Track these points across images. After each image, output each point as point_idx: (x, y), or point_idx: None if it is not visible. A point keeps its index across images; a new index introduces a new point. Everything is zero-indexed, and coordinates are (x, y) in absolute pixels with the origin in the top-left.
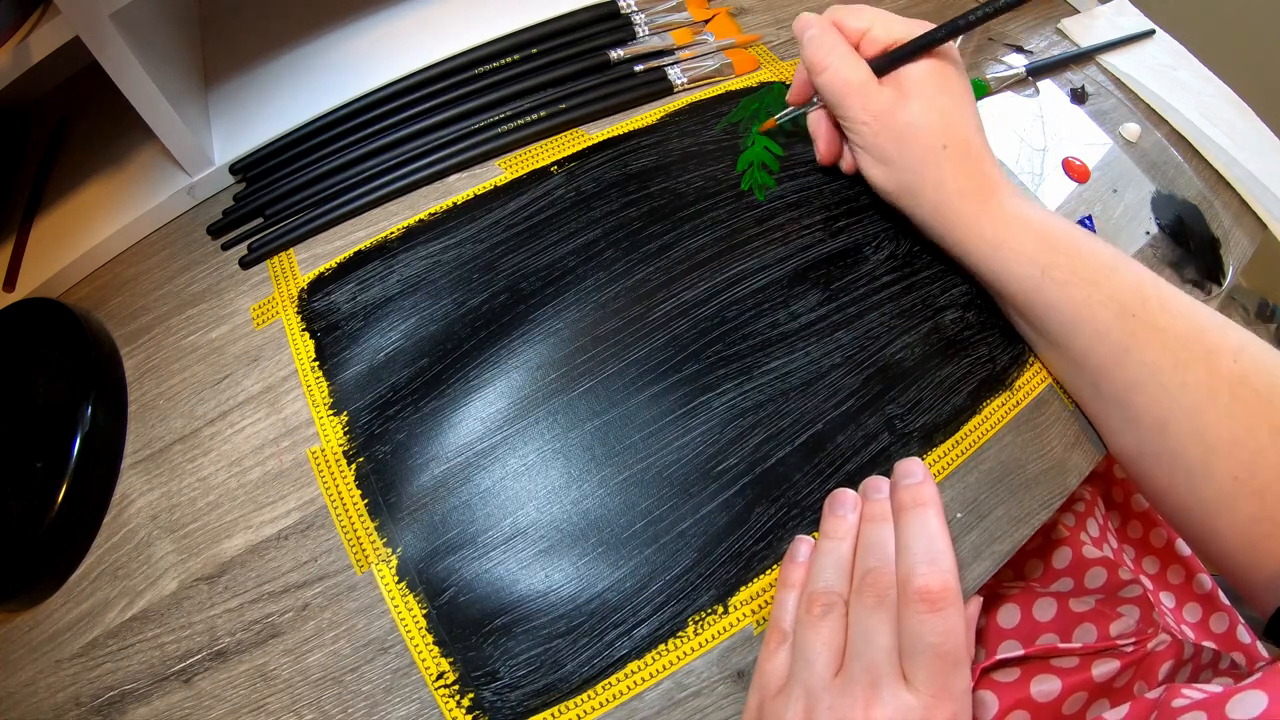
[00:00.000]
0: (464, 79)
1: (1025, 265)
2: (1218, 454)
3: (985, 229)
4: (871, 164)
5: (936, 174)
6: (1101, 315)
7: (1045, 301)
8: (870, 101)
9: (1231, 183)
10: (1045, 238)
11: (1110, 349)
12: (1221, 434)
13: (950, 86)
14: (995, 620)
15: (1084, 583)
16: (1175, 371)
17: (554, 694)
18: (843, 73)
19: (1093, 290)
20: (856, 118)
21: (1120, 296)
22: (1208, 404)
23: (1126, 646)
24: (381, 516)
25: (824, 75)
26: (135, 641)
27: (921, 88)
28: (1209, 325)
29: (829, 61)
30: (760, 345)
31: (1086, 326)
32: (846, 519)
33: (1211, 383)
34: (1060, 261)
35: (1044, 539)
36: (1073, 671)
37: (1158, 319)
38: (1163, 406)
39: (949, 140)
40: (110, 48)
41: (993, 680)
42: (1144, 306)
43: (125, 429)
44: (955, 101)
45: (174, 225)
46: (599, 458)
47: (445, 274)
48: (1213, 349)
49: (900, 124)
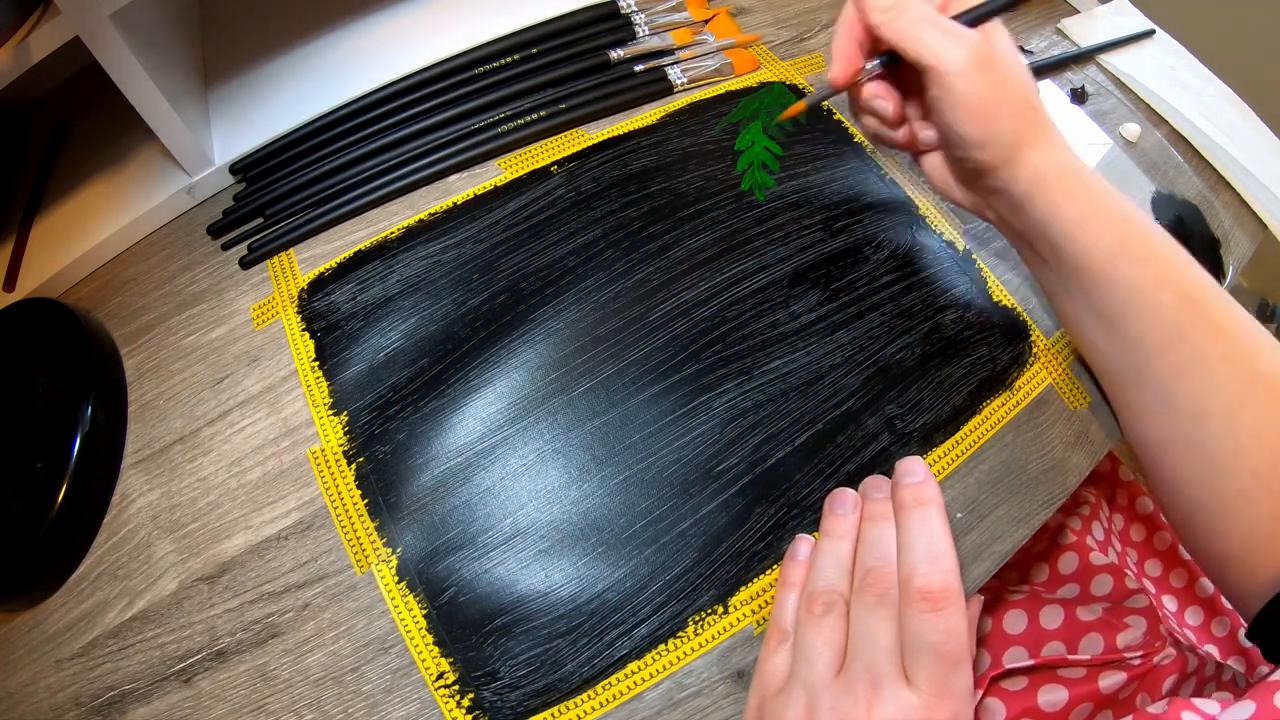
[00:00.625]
0: (464, 79)
1: (1108, 237)
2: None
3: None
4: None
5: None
6: (1165, 296)
7: (1117, 276)
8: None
9: (1231, 183)
10: (1125, 212)
11: (1165, 333)
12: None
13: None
14: (1001, 626)
15: (1090, 589)
16: (1223, 365)
17: (554, 694)
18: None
19: (1161, 269)
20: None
21: (1183, 282)
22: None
23: (1133, 659)
24: (381, 516)
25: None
26: (135, 641)
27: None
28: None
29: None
30: (760, 345)
31: (1150, 306)
32: (847, 518)
33: (1252, 381)
34: (1137, 235)
35: (1050, 542)
36: (1080, 682)
37: (1212, 308)
38: (1204, 398)
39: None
40: (110, 48)
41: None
42: (1202, 293)
43: (125, 429)
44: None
45: (174, 225)
46: (599, 458)
47: (445, 274)
48: (1255, 349)
49: (1000, 69)
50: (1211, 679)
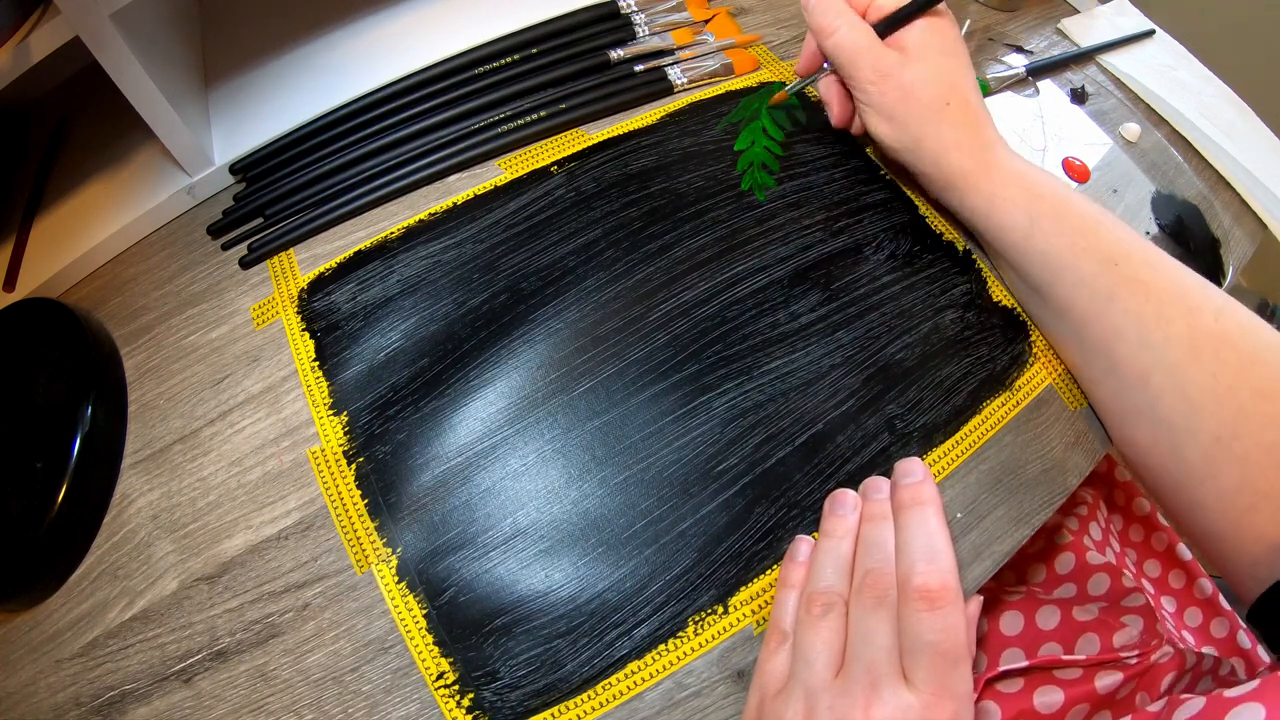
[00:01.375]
0: (464, 79)
1: (1016, 215)
2: (1201, 412)
3: (981, 181)
4: (878, 121)
5: (937, 129)
6: (1085, 263)
7: (1033, 249)
8: (878, 61)
9: (1231, 183)
10: (1035, 190)
11: (1093, 296)
12: (1204, 392)
13: (951, 47)
14: (998, 627)
15: (1087, 589)
16: (1158, 325)
17: (554, 694)
18: (850, 35)
19: (1077, 238)
20: (865, 78)
21: (1104, 248)
22: (1190, 360)
23: (1130, 658)
24: (381, 516)
25: (832, 39)
26: (135, 641)
27: (924, 48)
28: (1192, 285)
29: (836, 24)
30: (760, 345)
31: (1069, 273)
32: (847, 519)
33: (1193, 340)
34: (1047, 212)
35: (1046, 543)
36: (1076, 683)
37: (1140, 272)
38: (1145, 359)
39: (951, 98)
40: (110, 48)
41: (996, 690)
42: (1128, 259)
43: (125, 429)
44: (956, 62)
45: (174, 225)
46: (599, 458)
47: (445, 274)
48: (1195, 307)
49: (905, 82)
50: (1209, 673)
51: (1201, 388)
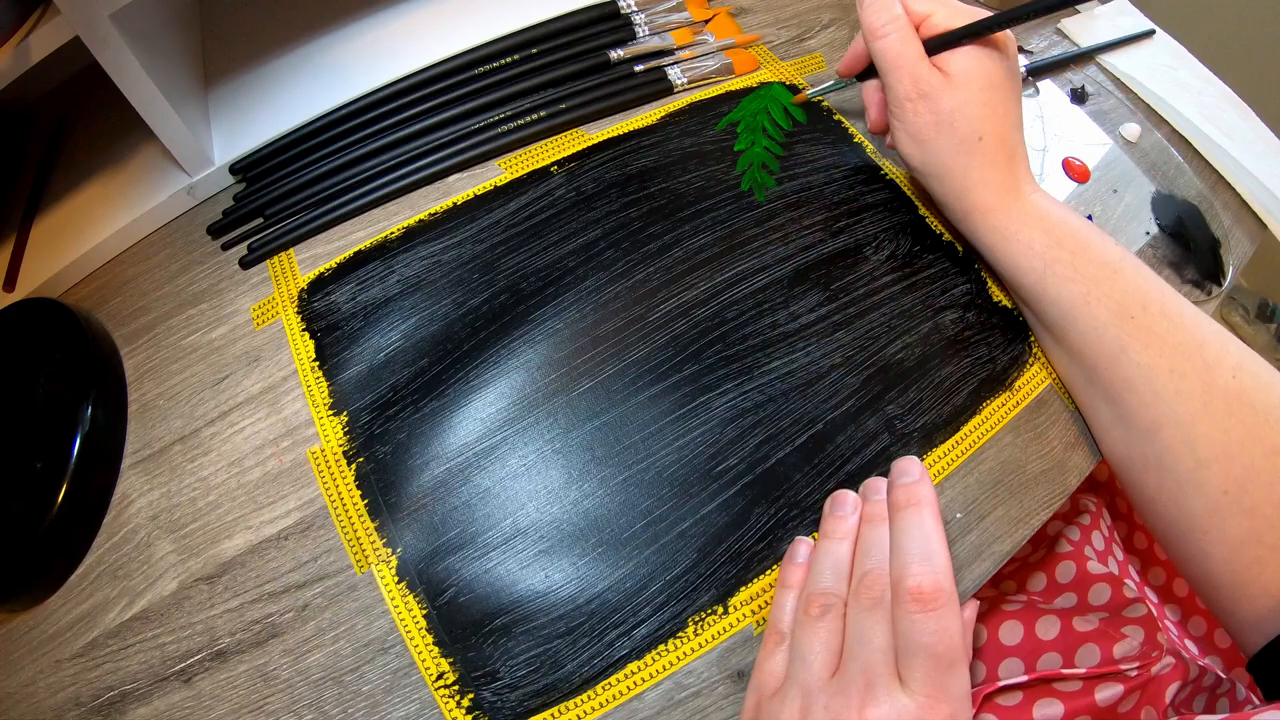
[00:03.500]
0: (464, 79)
1: (1031, 259)
2: (1208, 467)
3: (999, 220)
4: (908, 141)
5: (965, 162)
6: (1098, 313)
7: (1046, 294)
8: (920, 81)
9: (1231, 183)
10: (1054, 234)
11: (1106, 346)
12: (1214, 447)
13: (998, 79)
14: (997, 637)
15: (1088, 599)
16: (1171, 378)
17: (554, 694)
18: (899, 44)
19: (1092, 287)
20: (904, 93)
21: (1120, 298)
22: (1202, 416)
23: (1130, 670)
24: (381, 517)
25: (881, 42)
26: (135, 641)
27: (969, 76)
28: (1210, 338)
29: (888, 29)
30: (760, 345)
31: (1082, 322)
32: (846, 520)
33: (1207, 395)
34: (1064, 258)
35: (1048, 551)
36: (1076, 695)
37: (1157, 325)
38: (1155, 411)
39: (986, 133)
40: (110, 48)
41: (995, 704)
42: (1144, 311)
43: (125, 429)
44: (1001, 96)
45: (174, 225)
46: (599, 458)
47: (445, 274)
48: (1211, 362)
49: (943, 109)
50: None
51: (1211, 442)
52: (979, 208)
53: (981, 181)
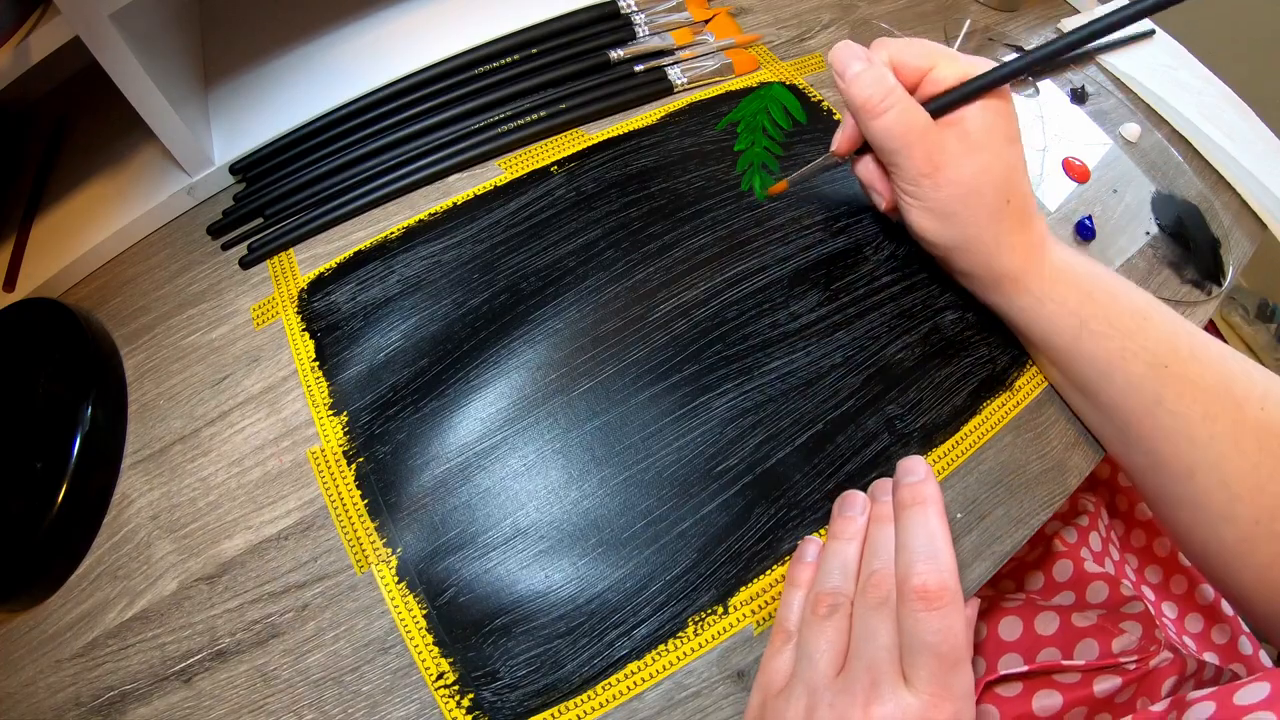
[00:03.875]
0: (464, 79)
1: (1066, 318)
2: (1241, 500)
3: (1032, 282)
4: (924, 218)
5: (995, 230)
6: (1134, 367)
7: (1082, 352)
8: (935, 152)
9: (1231, 183)
10: (1084, 288)
11: (1141, 400)
12: (1246, 481)
13: (1014, 132)
14: (996, 633)
15: (1086, 597)
16: (1204, 424)
17: (554, 694)
18: (903, 119)
19: (1127, 341)
20: (917, 169)
21: (1153, 347)
22: (1233, 453)
23: (1129, 664)
24: (381, 517)
25: (882, 120)
26: (135, 641)
27: (990, 136)
28: (1238, 374)
29: (888, 104)
30: (760, 345)
31: (1119, 377)
32: (855, 521)
33: (1237, 433)
34: (1099, 313)
35: (1045, 550)
36: (1074, 687)
37: (1189, 370)
38: (1190, 457)
39: (1012, 195)
40: (110, 48)
41: (995, 694)
42: (1175, 356)
43: (125, 429)
44: (1018, 150)
45: (174, 225)
46: (599, 458)
47: (445, 274)
48: (1241, 400)
49: (967, 177)
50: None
51: (1242, 478)
52: (1009, 274)
53: (1010, 247)
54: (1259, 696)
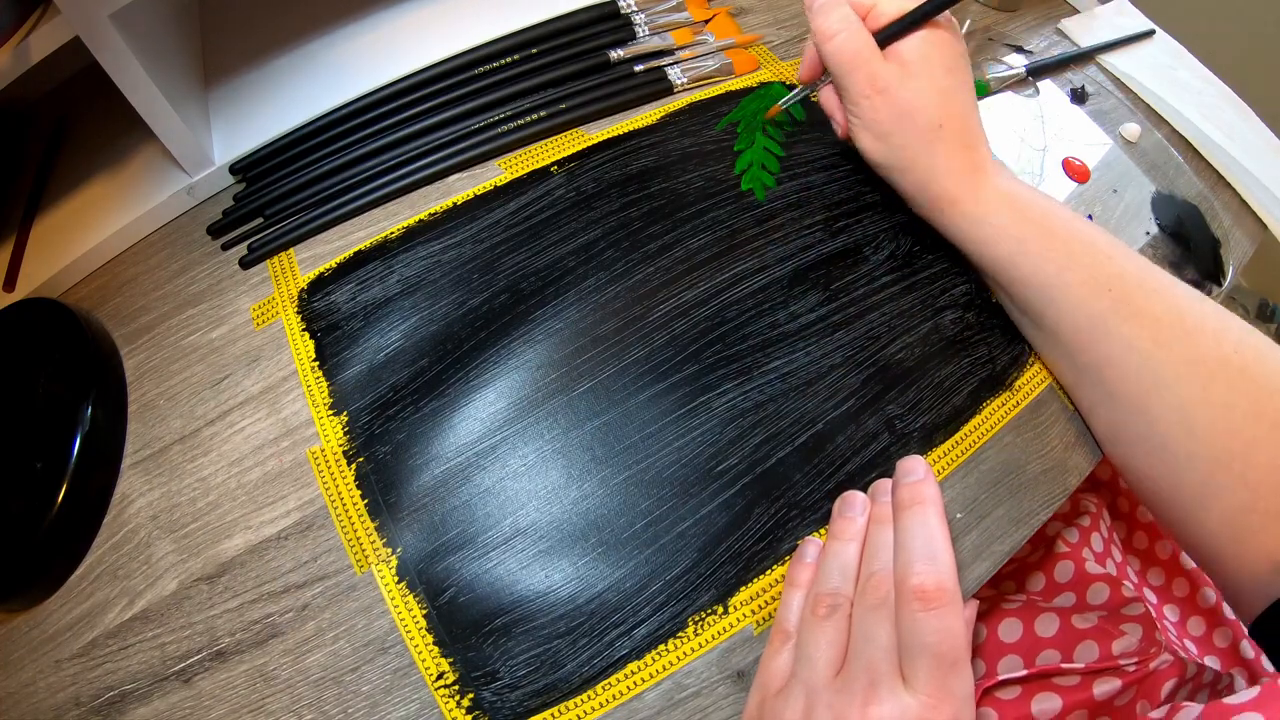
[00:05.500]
0: (464, 79)
1: (1003, 239)
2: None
3: (968, 206)
4: (866, 137)
5: (929, 151)
6: (1075, 288)
7: (1020, 275)
8: (875, 76)
9: (1231, 183)
10: (1024, 213)
11: (1085, 321)
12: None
13: (952, 62)
14: (996, 634)
15: (1086, 599)
16: (1156, 349)
17: (554, 694)
18: (851, 43)
19: (1067, 262)
20: (859, 91)
21: (1096, 272)
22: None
23: (1129, 666)
24: (381, 516)
25: (832, 43)
26: (135, 641)
27: (926, 64)
28: (1192, 309)
29: (837, 28)
30: (760, 345)
31: (1058, 298)
32: (855, 522)
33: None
34: (1035, 235)
35: (1046, 551)
36: (1074, 690)
37: (1135, 296)
38: (1140, 384)
39: (946, 120)
40: (110, 48)
41: (994, 698)
42: (1121, 281)
43: (125, 429)
44: (957, 81)
45: (174, 225)
46: (599, 458)
47: (445, 274)
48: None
49: (902, 100)
50: (1209, 685)
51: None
52: (945, 196)
53: (946, 171)
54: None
